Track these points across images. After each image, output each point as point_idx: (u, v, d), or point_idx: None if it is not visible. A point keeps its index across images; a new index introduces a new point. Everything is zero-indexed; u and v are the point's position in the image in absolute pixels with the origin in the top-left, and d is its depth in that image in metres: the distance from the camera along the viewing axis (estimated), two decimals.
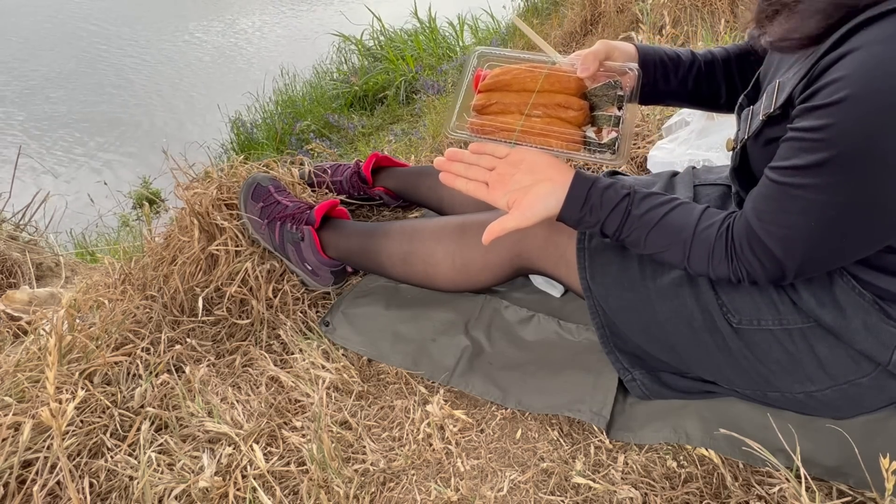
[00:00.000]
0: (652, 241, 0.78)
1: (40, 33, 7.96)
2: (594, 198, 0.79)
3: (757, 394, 0.83)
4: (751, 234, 0.71)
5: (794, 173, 0.65)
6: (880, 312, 0.72)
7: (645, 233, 0.78)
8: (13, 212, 2.35)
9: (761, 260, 0.71)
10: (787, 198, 0.67)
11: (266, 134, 5.32)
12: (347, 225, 1.17)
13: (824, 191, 0.63)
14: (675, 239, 0.76)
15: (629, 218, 0.78)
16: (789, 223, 0.67)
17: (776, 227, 0.68)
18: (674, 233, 0.76)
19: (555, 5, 4.27)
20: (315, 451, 0.84)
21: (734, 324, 0.79)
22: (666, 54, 0.96)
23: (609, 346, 0.90)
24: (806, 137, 0.64)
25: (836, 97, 0.60)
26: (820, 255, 0.69)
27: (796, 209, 0.66)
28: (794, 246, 0.68)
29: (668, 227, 0.77)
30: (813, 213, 0.65)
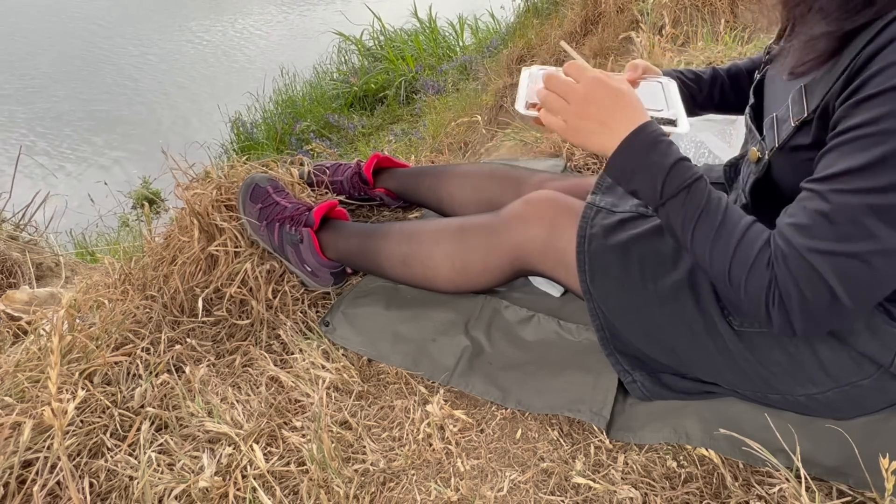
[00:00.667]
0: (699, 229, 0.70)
1: (40, 32, 7.96)
2: (637, 163, 0.73)
3: (758, 395, 0.83)
4: (797, 267, 0.62)
5: (849, 178, 0.59)
6: (884, 314, 0.72)
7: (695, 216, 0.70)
8: (13, 212, 2.35)
9: (809, 299, 0.62)
10: (844, 211, 0.60)
11: (266, 134, 5.32)
12: (347, 226, 1.17)
13: (890, 193, 0.57)
14: (723, 233, 0.68)
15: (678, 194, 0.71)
16: (849, 248, 0.60)
17: (835, 256, 0.60)
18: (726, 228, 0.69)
19: (555, 5, 4.27)
20: (315, 451, 0.84)
21: (735, 326, 0.79)
22: (686, 76, 1.02)
23: (609, 347, 0.90)
24: (859, 135, 0.59)
25: (892, 83, 0.56)
26: (887, 282, 0.61)
27: (857, 224, 0.59)
28: (856, 277, 0.60)
29: (715, 221, 0.69)
30: (884, 225, 0.58)
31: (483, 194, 1.21)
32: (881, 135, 0.57)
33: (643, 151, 0.73)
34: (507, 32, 5.25)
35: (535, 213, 0.96)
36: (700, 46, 2.27)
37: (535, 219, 0.96)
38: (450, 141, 3.18)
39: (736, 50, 2.15)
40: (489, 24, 5.95)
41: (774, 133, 0.75)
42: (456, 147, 3.05)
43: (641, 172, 0.73)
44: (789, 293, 0.63)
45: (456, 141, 3.16)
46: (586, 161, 1.58)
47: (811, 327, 0.64)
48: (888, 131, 0.57)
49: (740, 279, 0.66)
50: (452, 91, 4.59)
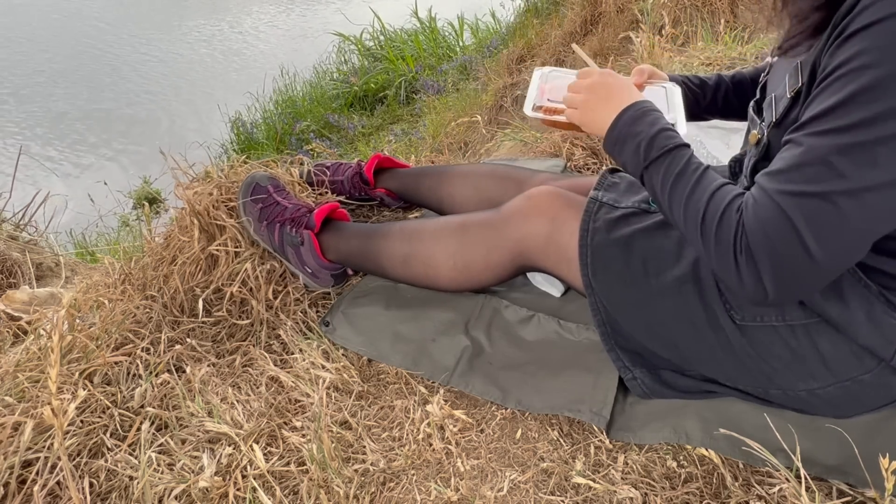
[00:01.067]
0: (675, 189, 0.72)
1: (40, 32, 7.96)
2: (625, 133, 0.79)
3: (759, 391, 0.83)
4: (765, 209, 0.61)
5: (820, 121, 0.58)
6: (885, 305, 0.71)
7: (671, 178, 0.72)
8: (13, 212, 2.35)
9: (774, 230, 0.60)
10: (814, 152, 0.58)
11: (266, 134, 5.32)
12: (347, 227, 1.17)
13: (869, 128, 0.55)
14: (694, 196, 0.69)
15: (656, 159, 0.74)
16: (816, 188, 0.58)
17: (803, 197, 0.58)
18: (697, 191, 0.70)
19: (555, 5, 4.27)
20: (315, 451, 0.84)
21: (737, 320, 0.79)
22: (691, 82, 1.05)
23: (610, 343, 0.91)
24: (834, 77, 0.58)
25: (873, 18, 0.56)
26: (858, 229, 0.58)
27: (825, 164, 0.57)
28: (823, 219, 0.58)
29: (690, 182, 0.70)
30: (853, 165, 0.56)
31: (484, 194, 1.22)
32: (853, 72, 0.57)
33: (631, 122, 0.79)
34: (507, 32, 5.25)
35: (536, 208, 0.96)
36: (700, 46, 2.27)
37: (537, 214, 0.96)
38: (450, 141, 3.18)
39: (736, 50, 2.15)
40: (489, 24, 5.96)
41: (772, 110, 0.76)
42: (456, 147, 3.06)
43: (629, 141, 0.78)
44: (757, 241, 0.62)
45: (456, 141, 3.16)
46: (586, 161, 1.58)
47: (781, 284, 0.62)
48: (860, 67, 0.57)
49: (711, 230, 0.66)
50: (452, 91, 4.59)
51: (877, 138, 0.56)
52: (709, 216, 0.67)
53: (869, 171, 0.57)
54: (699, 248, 0.69)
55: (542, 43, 3.69)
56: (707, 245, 0.67)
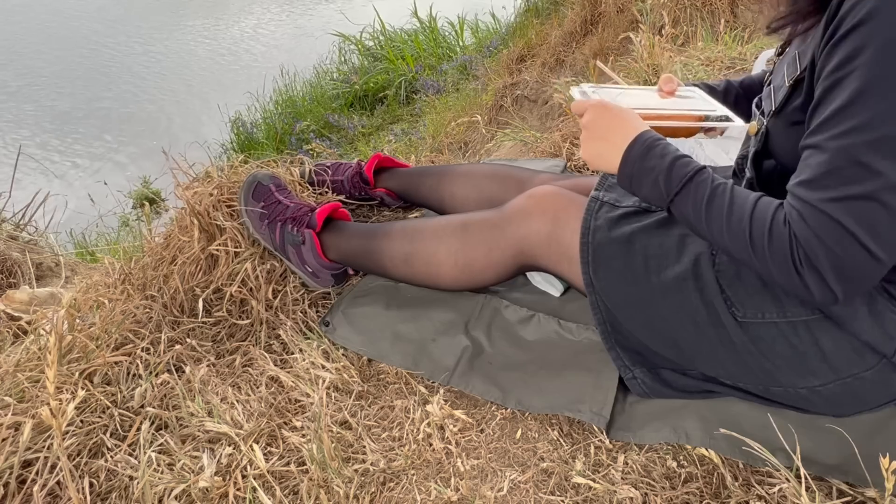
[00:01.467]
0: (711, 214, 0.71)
1: (40, 31, 7.95)
2: (639, 168, 0.77)
3: (760, 389, 0.83)
4: (814, 219, 0.61)
5: (836, 122, 0.59)
6: (887, 300, 0.72)
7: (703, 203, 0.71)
8: (13, 212, 2.35)
9: (837, 253, 0.61)
10: (842, 155, 0.59)
11: (266, 134, 5.33)
12: (348, 227, 1.17)
13: (890, 119, 0.57)
14: (734, 216, 0.69)
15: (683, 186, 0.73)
16: (858, 190, 0.59)
17: (848, 201, 0.59)
18: (734, 209, 0.69)
19: (555, 5, 4.27)
20: (315, 451, 0.84)
21: (739, 318, 0.79)
22: (707, 86, 1.04)
23: (610, 342, 0.90)
24: (837, 77, 0.59)
25: (860, 16, 0.57)
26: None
27: (858, 164, 0.58)
28: (873, 217, 0.59)
29: (724, 205, 0.70)
30: (885, 159, 0.57)
31: (485, 194, 1.22)
32: (855, 71, 0.58)
33: (641, 156, 0.76)
34: (507, 32, 5.25)
35: (538, 207, 0.97)
36: (700, 46, 2.27)
37: (539, 212, 0.96)
38: (450, 141, 3.18)
39: (736, 50, 2.15)
40: (489, 24, 5.96)
41: (772, 100, 0.77)
42: (456, 147, 3.06)
43: (644, 176, 0.76)
44: (814, 250, 0.62)
45: (456, 141, 3.16)
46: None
47: (848, 285, 0.63)
48: (861, 66, 0.58)
49: (763, 246, 0.66)
50: (452, 91, 4.59)
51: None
52: (756, 236, 0.67)
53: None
54: (755, 267, 0.69)
55: (542, 43, 3.69)
56: (764, 264, 0.67)
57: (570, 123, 1.72)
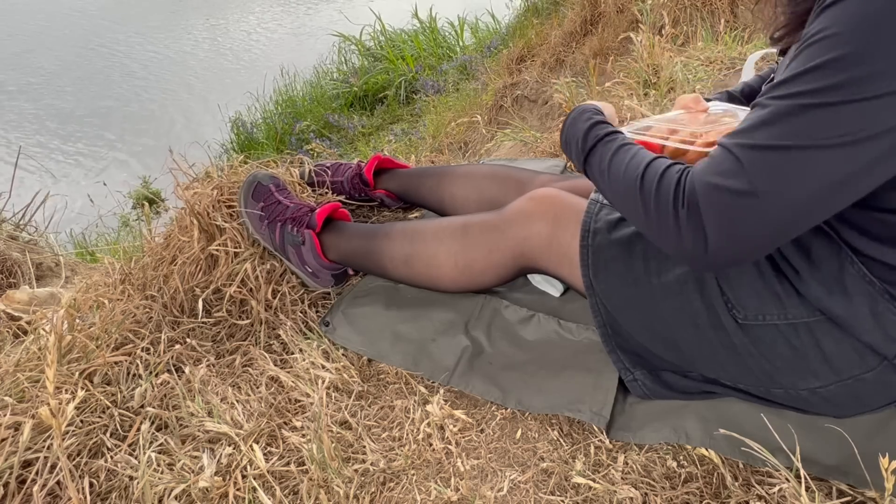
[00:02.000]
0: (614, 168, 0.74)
1: (40, 30, 7.95)
2: (573, 132, 0.84)
3: (760, 390, 0.83)
4: (719, 160, 0.60)
5: (789, 84, 0.58)
6: (889, 301, 0.71)
7: (608, 157, 0.75)
8: (13, 212, 2.35)
9: (725, 191, 0.59)
10: (778, 112, 0.58)
11: (266, 134, 5.33)
12: (348, 227, 1.17)
13: (837, 91, 0.55)
14: (631, 172, 0.70)
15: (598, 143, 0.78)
16: (774, 142, 0.58)
17: (760, 150, 0.58)
18: (631, 166, 0.71)
19: (555, 5, 4.27)
20: (315, 451, 0.84)
21: (739, 319, 0.79)
22: (729, 94, 1.05)
23: (611, 344, 0.90)
24: (806, 44, 0.58)
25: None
26: (809, 188, 0.57)
27: (787, 123, 0.57)
28: (772, 163, 0.57)
29: (626, 158, 0.72)
30: (815, 123, 0.56)
31: (485, 195, 1.22)
32: (826, 40, 0.57)
33: (573, 122, 0.85)
34: (507, 32, 5.26)
35: (538, 209, 0.97)
36: (700, 46, 2.27)
37: (539, 214, 0.96)
38: (450, 141, 3.18)
39: (736, 50, 2.15)
40: (489, 24, 5.96)
41: None
42: (456, 147, 3.06)
43: (571, 139, 0.84)
44: (706, 187, 0.60)
45: (456, 141, 3.16)
46: None
47: (724, 232, 0.60)
48: (833, 36, 0.56)
49: (650, 191, 0.65)
50: (452, 91, 4.59)
51: (843, 100, 0.56)
52: (647, 181, 0.67)
53: (831, 130, 0.56)
54: (638, 217, 0.68)
55: (542, 43, 3.69)
56: (646, 208, 0.66)
57: None
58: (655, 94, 1.89)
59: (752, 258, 0.65)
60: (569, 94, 1.88)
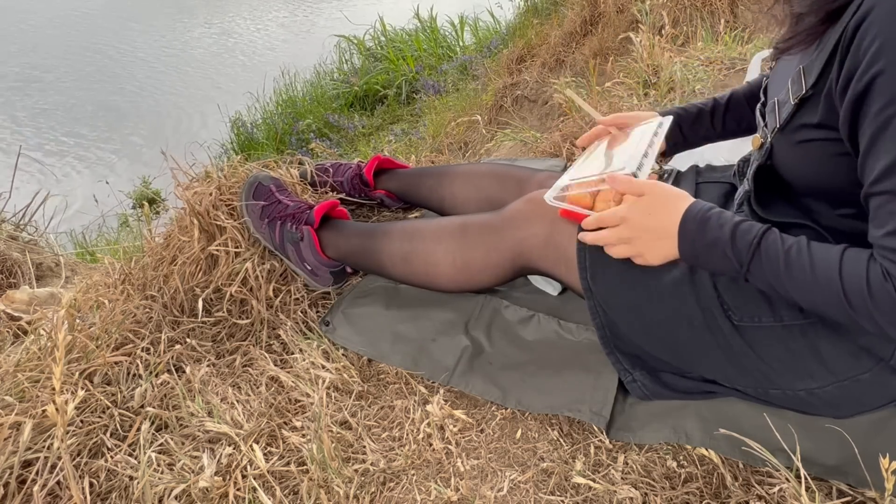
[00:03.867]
0: (794, 280, 0.68)
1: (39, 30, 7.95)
2: (701, 246, 0.74)
3: (758, 392, 0.83)
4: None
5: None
6: None
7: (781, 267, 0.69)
8: (13, 212, 2.35)
9: None
10: None
11: (266, 134, 5.33)
12: (347, 225, 1.18)
13: None
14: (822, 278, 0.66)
15: (756, 251, 0.70)
16: None
17: None
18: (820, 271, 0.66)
19: (555, 5, 4.27)
20: (315, 451, 0.84)
21: (735, 321, 0.79)
22: (686, 111, 1.05)
23: (609, 346, 0.90)
24: (889, 118, 0.58)
25: (893, 55, 0.56)
26: None
27: None
28: None
29: (805, 266, 0.67)
30: None
31: (484, 193, 1.22)
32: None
33: (699, 233, 0.73)
34: (507, 32, 5.25)
35: (536, 211, 0.97)
36: (700, 46, 2.27)
37: (537, 216, 0.96)
38: (450, 141, 3.18)
39: (736, 50, 2.15)
40: (489, 24, 5.96)
41: (776, 115, 0.76)
42: (456, 147, 3.06)
43: (710, 253, 0.73)
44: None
45: (456, 141, 3.16)
46: None
47: None
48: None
49: (865, 306, 0.63)
50: (452, 91, 4.59)
51: None
52: (853, 296, 0.64)
53: None
54: (858, 325, 0.66)
55: (542, 43, 3.69)
56: (870, 320, 0.64)
57: (570, 123, 1.72)
58: (655, 94, 1.89)
59: None
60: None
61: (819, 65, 0.67)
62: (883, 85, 0.58)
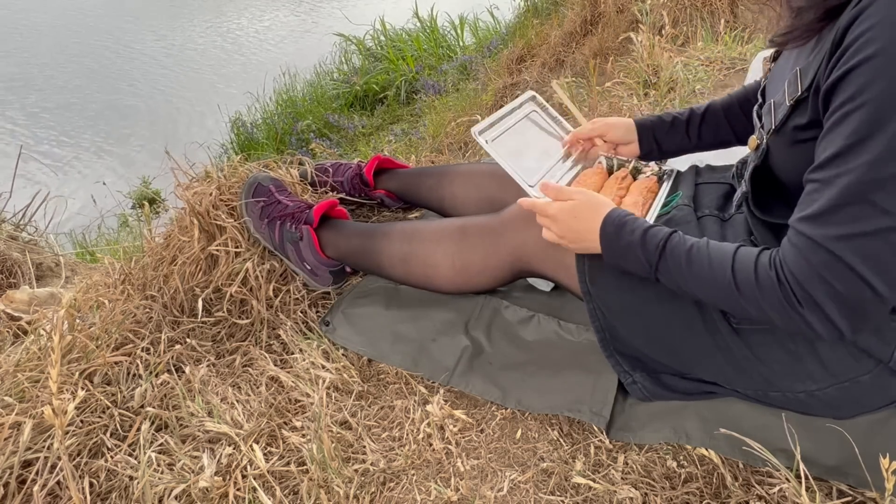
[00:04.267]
0: (692, 278, 0.72)
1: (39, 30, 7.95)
2: (617, 248, 0.79)
3: (758, 394, 0.83)
4: (816, 255, 0.61)
5: (844, 159, 0.59)
6: None
7: (682, 267, 0.73)
8: (13, 212, 2.35)
9: (840, 290, 0.60)
10: (849, 192, 0.58)
11: (266, 134, 5.32)
12: (347, 225, 1.18)
13: (886, 163, 0.56)
14: (715, 275, 0.69)
15: (662, 253, 0.74)
16: (864, 228, 0.58)
17: (853, 239, 0.59)
18: (713, 268, 0.70)
19: (555, 5, 4.27)
20: (315, 451, 0.84)
21: (734, 324, 0.79)
22: (662, 119, 1.05)
23: (609, 349, 0.90)
24: (844, 112, 0.59)
25: (870, 52, 0.56)
26: None
27: (865, 202, 0.57)
28: (879, 255, 0.58)
29: (704, 263, 0.70)
30: (886, 198, 0.57)
31: (484, 193, 1.22)
32: (864, 106, 0.57)
33: (616, 237, 0.79)
34: (507, 32, 5.25)
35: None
36: (700, 46, 2.27)
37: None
38: (450, 141, 3.18)
39: (736, 50, 2.15)
40: (489, 24, 5.96)
41: (772, 117, 0.76)
42: (456, 147, 3.05)
43: (625, 255, 0.78)
44: (816, 288, 0.61)
45: (456, 141, 3.16)
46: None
47: (854, 320, 0.62)
48: (869, 101, 0.57)
49: (754, 296, 0.66)
50: (452, 91, 4.59)
51: None
52: (743, 286, 0.67)
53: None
54: (754, 316, 0.68)
55: (542, 43, 3.69)
56: (760, 312, 0.67)
57: (570, 123, 1.71)
58: (655, 94, 1.89)
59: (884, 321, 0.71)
60: (569, 95, 1.87)
61: (815, 66, 0.67)
62: (852, 79, 0.58)
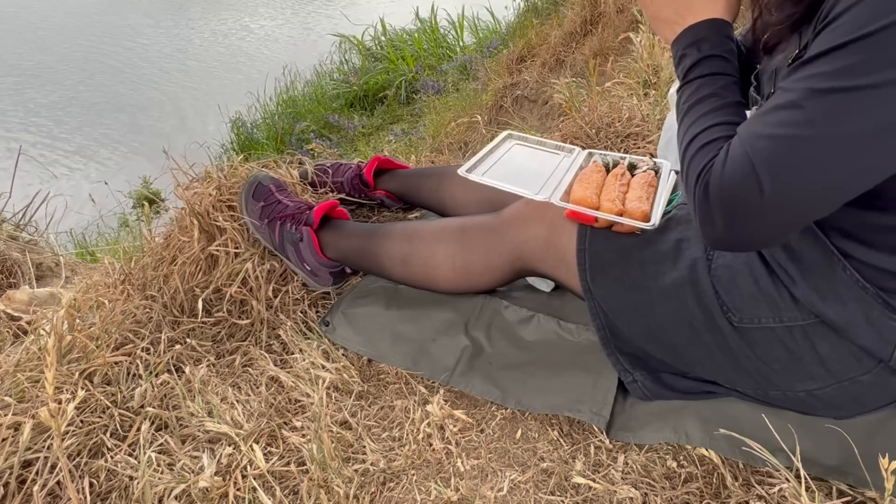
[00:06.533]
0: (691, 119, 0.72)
1: (39, 32, 7.95)
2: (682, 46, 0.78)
3: (758, 393, 0.83)
4: (735, 148, 0.61)
5: (809, 65, 0.58)
6: (883, 307, 0.71)
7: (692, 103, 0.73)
8: (13, 212, 2.35)
9: (732, 169, 0.60)
10: (792, 95, 0.58)
11: (266, 134, 5.33)
12: (347, 225, 1.18)
13: (848, 75, 0.54)
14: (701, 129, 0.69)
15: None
16: (785, 132, 0.57)
17: (768, 140, 0.58)
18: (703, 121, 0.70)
19: (555, 5, 4.27)
20: (315, 451, 0.84)
21: (735, 322, 0.79)
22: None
23: (610, 347, 0.90)
24: (832, 26, 0.57)
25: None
26: (816, 178, 0.57)
27: (800, 108, 0.57)
28: (782, 163, 0.57)
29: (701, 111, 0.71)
30: (823, 111, 0.55)
31: (484, 194, 1.21)
32: (844, 26, 0.56)
33: (691, 42, 0.76)
34: (507, 32, 5.25)
35: (535, 213, 0.97)
36: None
37: (536, 218, 0.96)
38: (450, 141, 3.18)
39: None
40: (489, 24, 5.96)
41: (773, 82, 0.75)
42: (456, 147, 3.05)
43: (685, 59, 0.77)
44: (715, 180, 0.62)
45: (456, 141, 3.16)
46: None
47: (732, 224, 0.62)
48: (841, 24, 0.56)
49: (686, 164, 0.68)
50: (452, 91, 4.59)
51: (855, 86, 0.55)
52: (690, 149, 0.69)
53: (838, 121, 0.56)
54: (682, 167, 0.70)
55: (542, 43, 3.69)
56: (685, 181, 0.69)
57: (570, 123, 1.72)
58: (655, 95, 1.89)
59: (765, 244, 0.69)
60: (569, 95, 1.88)
61: (812, 27, 0.65)
62: (837, 21, 0.57)
